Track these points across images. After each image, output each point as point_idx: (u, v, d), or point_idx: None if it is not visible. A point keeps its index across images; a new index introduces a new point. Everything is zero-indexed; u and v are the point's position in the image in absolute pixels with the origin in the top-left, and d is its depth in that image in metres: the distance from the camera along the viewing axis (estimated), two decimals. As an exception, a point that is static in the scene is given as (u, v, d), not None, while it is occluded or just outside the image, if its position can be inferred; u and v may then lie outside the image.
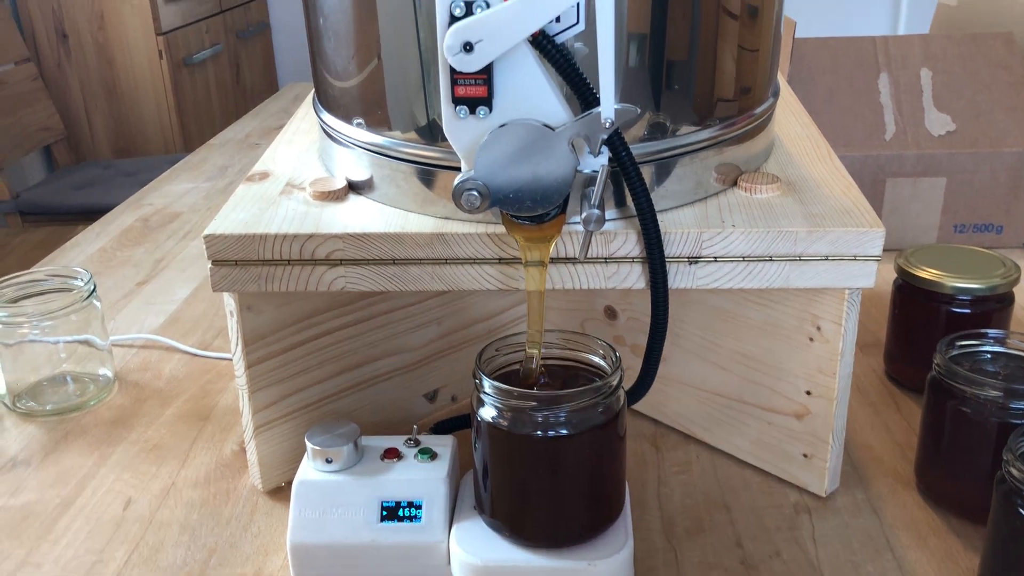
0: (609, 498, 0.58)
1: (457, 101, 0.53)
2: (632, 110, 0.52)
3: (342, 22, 0.62)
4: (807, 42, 1.10)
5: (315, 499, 0.59)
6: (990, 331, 0.66)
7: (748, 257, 0.60)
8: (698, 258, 0.60)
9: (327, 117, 0.68)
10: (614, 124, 0.51)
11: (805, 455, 0.67)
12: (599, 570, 0.55)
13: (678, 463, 0.72)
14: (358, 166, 0.65)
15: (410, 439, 0.63)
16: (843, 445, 0.67)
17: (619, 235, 0.59)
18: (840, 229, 0.59)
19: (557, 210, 0.55)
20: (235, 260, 0.61)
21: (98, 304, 0.83)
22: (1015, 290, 0.76)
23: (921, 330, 0.79)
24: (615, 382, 0.55)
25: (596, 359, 0.59)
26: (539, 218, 0.55)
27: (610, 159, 0.55)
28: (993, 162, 1.03)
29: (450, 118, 0.54)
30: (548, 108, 0.53)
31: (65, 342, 0.83)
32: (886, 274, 0.85)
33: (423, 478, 0.60)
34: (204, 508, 0.68)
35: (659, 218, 0.58)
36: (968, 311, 0.75)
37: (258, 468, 0.69)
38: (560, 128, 0.52)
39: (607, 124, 0.51)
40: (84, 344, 0.84)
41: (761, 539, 0.64)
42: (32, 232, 2.26)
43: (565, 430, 0.54)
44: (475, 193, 0.54)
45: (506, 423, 0.55)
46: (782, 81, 0.87)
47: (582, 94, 0.53)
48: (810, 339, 0.64)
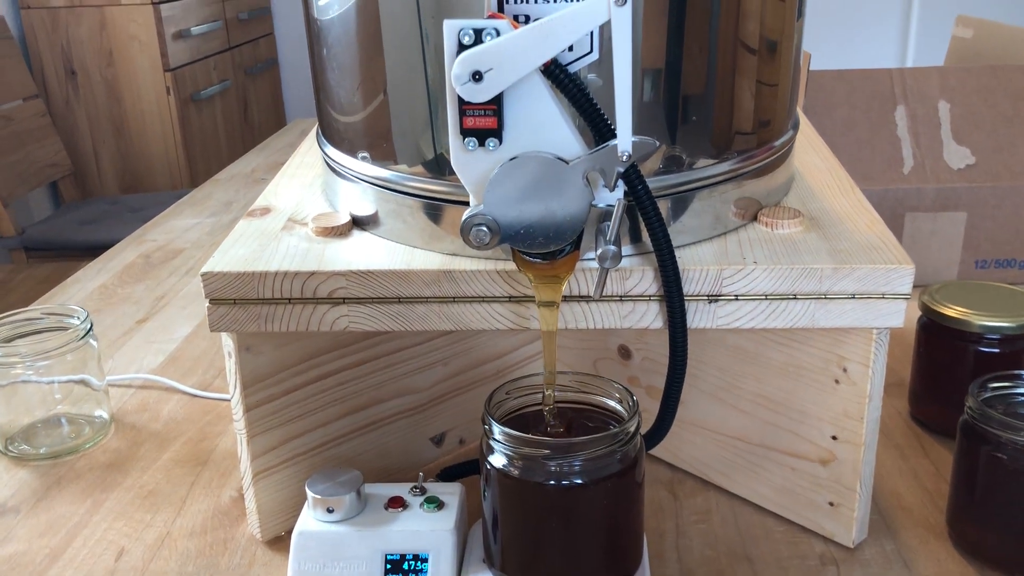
0: (626, 551, 0.55)
1: (466, 133, 0.50)
2: (650, 143, 0.49)
3: (346, 53, 0.60)
4: (822, 74, 1.08)
5: (315, 551, 0.56)
6: (1025, 372, 0.63)
7: (771, 295, 0.57)
8: (718, 296, 0.57)
9: (331, 151, 0.65)
10: (631, 157, 0.48)
11: (831, 503, 0.64)
12: (616, 629, 0.52)
13: (697, 511, 0.69)
14: (362, 201, 0.63)
15: (416, 487, 0.60)
16: (871, 493, 0.63)
17: (635, 272, 0.56)
18: (867, 266, 0.56)
19: (570, 247, 0.52)
20: (234, 299, 0.59)
21: (94, 343, 0.81)
22: (1047, 329, 0.73)
23: (948, 370, 0.75)
24: (633, 428, 0.52)
25: (612, 403, 0.56)
26: (551, 255, 0.53)
27: (626, 193, 0.52)
28: (1015, 196, 1.00)
29: (458, 150, 0.51)
30: (561, 140, 0.50)
31: (60, 382, 0.81)
32: (910, 312, 0.81)
33: (429, 529, 0.56)
34: (200, 559, 0.65)
35: (677, 254, 0.55)
36: (997, 350, 0.72)
37: (257, 517, 0.66)
38: (574, 161, 0.50)
39: (624, 157, 0.48)
40: (80, 384, 0.82)
41: (787, 594, 0.60)
42: (37, 268, 2.25)
43: (580, 479, 0.51)
44: (484, 229, 0.51)
45: (517, 471, 0.52)
46: (799, 113, 0.85)
47: (597, 126, 0.50)
48: (836, 381, 0.61)
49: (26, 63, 2.53)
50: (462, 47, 0.48)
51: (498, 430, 0.52)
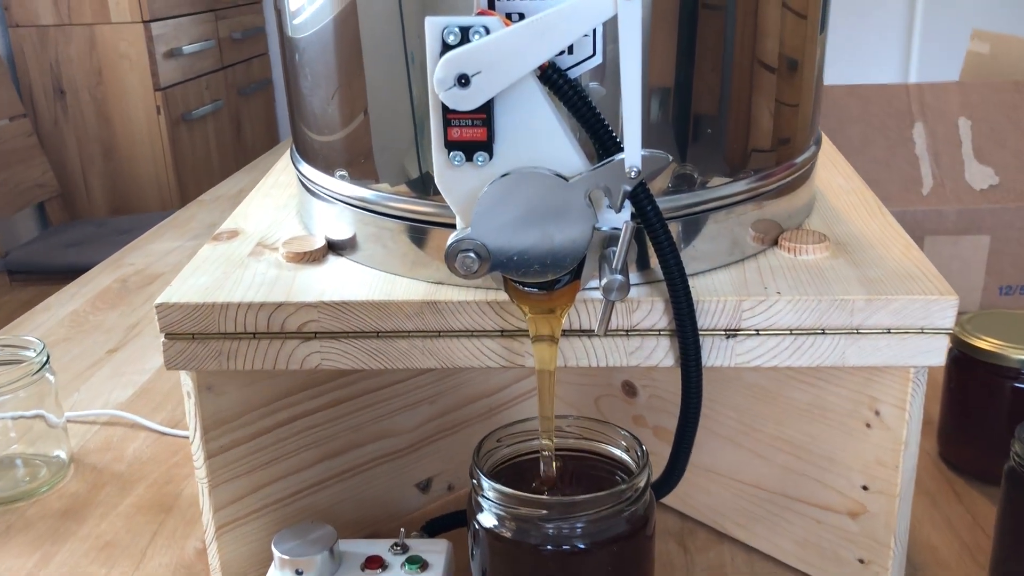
0: (634, 622, 0.48)
1: (451, 146, 0.44)
2: (662, 157, 0.43)
3: (321, 60, 0.53)
4: (835, 89, 1.02)
5: (280, 621, 0.50)
6: (1077, 414, 0.57)
7: (796, 330, 0.51)
8: (737, 331, 0.51)
9: (305, 168, 0.59)
10: (640, 174, 0.42)
11: (861, 560, 0.57)
12: None
13: (710, 566, 0.62)
14: (339, 223, 0.57)
15: (396, 544, 0.54)
16: (907, 549, 0.56)
17: (643, 304, 0.50)
18: (904, 297, 0.50)
19: (570, 276, 0.46)
20: (192, 333, 0.52)
21: (51, 377, 0.74)
22: (1092, 363, 0.66)
23: (982, 408, 0.69)
24: (642, 483, 0.46)
25: (618, 452, 0.50)
26: (549, 285, 0.46)
27: (633, 215, 0.46)
28: (1042, 218, 0.94)
29: (443, 166, 0.45)
30: (560, 154, 0.44)
31: (14, 419, 0.74)
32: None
33: (410, 596, 0.50)
34: (155, 623, 0.58)
35: (690, 283, 0.49)
36: (1038, 387, 0.66)
37: (221, 574, 0.59)
38: (574, 178, 0.43)
39: (632, 174, 0.42)
40: (38, 420, 0.75)
41: (815, 666, 0.53)
42: (20, 291, 2.18)
43: (582, 543, 0.45)
44: (472, 255, 0.45)
45: (510, 533, 0.45)
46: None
47: (601, 138, 0.44)
48: (867, 425, 0.55)
49: (13, 82, 2.48)
50: (446, 47, 0.42)
51: (488, 485, 0.45)
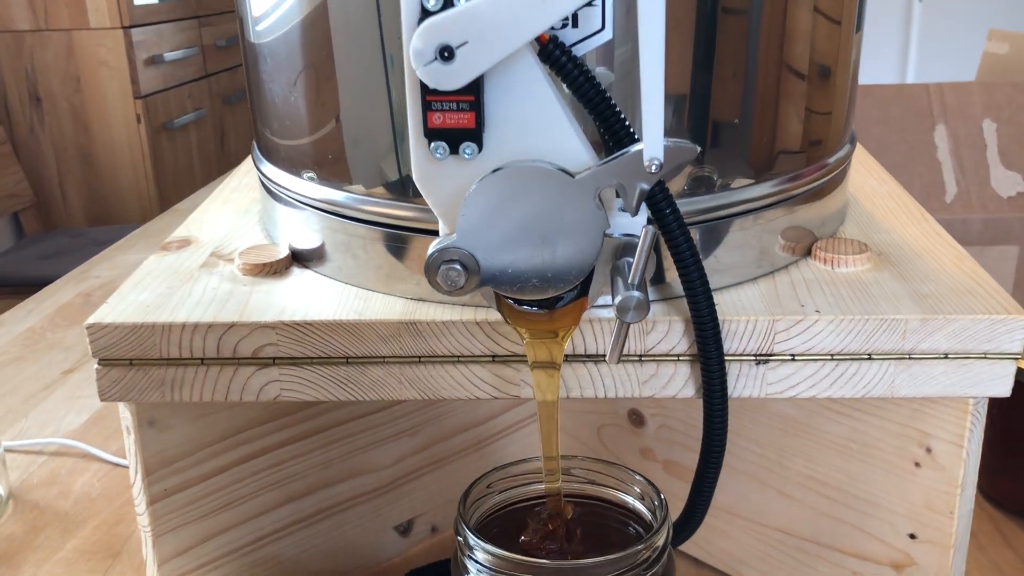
0: None
1: (432, 135, 0.37)
2: (689, 148, 0.35)
3: (283, 39, 0.46)
4: (850, 90, 0.95)
5: None
6: None
7: (838, 355, 0.43)
8: (769, 356, 0.43)
9: (268, 169, 0.51)
10: (662, 168, 0.35)
11: (907, 618, 0.50)
12: None
13: (731, 622, 0.54)
14: (305, 230, 0.49)
15: (370, 605, 0.46)
16: (960, 606, 0.49)
17: (659, 324, 0.43)
18: (966, 316, 0.42)
19: (575, 292, 0.38)
20: (130, 359, 0.45)
21: (-13, 405, 0.66)
22: None
23: (1030, 438, 0.62)
24: (661, 542, 0.38)
25: (631, 500, 0.42)
26: (550, 303, 0.39)
27: (649, 219, 0.39)
28: (1077, 228, 0.87)
29: (422, 160, 0.37)
30: (563, 146, 0.37)
31: (-54, 452, 0.66)
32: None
33: (384, 672, 0.42)
34: None
35: (715, 300, 0.42)
36: (1095, 416, 0.58)
37: (167, 636, 0.51)
38: (582, 174, 0.36)
39: (652, 168, 0.35)
40: (-26, 453, 0.67)
41: None
42: (-10, 305, 2.09)
43: (590, 615, 0.37)
44: (458, 267, 0.37)
45: (502, 601, 0.37)
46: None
47: (612, 126, 0.37)
48: (916, 464, 0.47)
49: (-13, 89, 2.40)
50: (426, 13, 0.34)
51: (476, 544, 0.38)
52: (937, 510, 0.47)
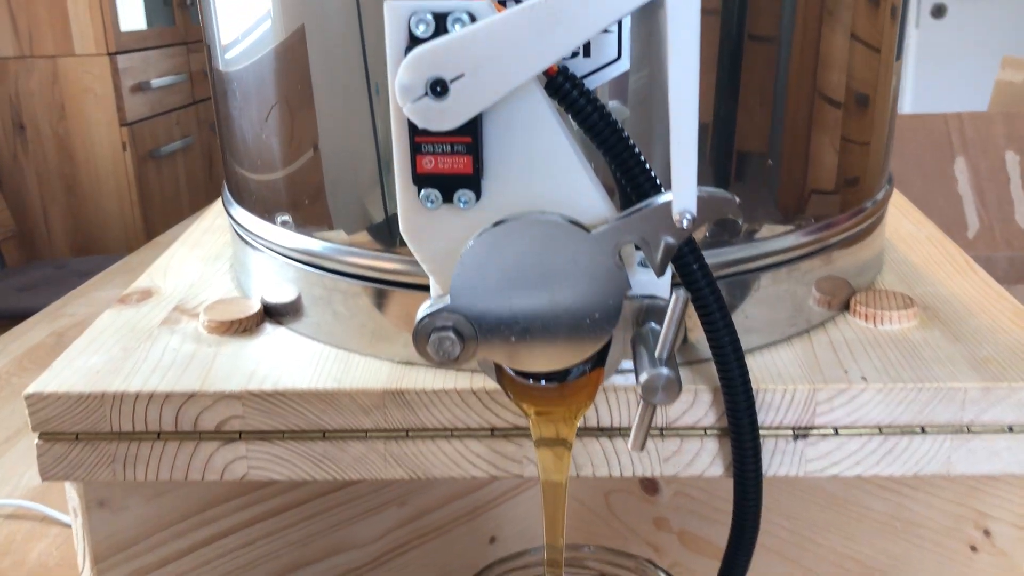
0: None
1: (422, 181, 0.31)
2: (728, 199, 0.30)
3: (253, 69, 0.41)
4: (865, 120, 0.91)
5: None
6: None
7: (887, 428, 0.38)
8: (809, 430, 0.38)
9: (239, 213, 0.46)
10: (694, 222, 0.29)
11: None
12: None
13: None
14: (280, 281, 0.44)
15: None
16: None
17: (683, 394, 0.37)
18: (1034, 384, 0.37)
19: (590, 362, 0.33)
20: (76, 433, 0.39)
21: (-67, 468, 0.60)
22: None
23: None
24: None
25: (652, 602, 0.36)
26: (561, 375, 0.33)
27: (674, 275, 0.33)
28: (1108, 266, 0.82)
29: (411, 209, 0.32)
30: (576, 194, 0.31)
31: None
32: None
33: None
34: None
35: (747, 363, 0.36)
36: None
37: None
38: (599, 229, 0.31)
39: (683, 222, 0.29)
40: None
41: None
42: (-33, 340, 2.03)
43: None
44: (452, 335, 0.32)
45: None
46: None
47: (633, 172, 0.31)
48: (972, 548, 0.42)
49: (-32, 116, 2.34)
50: (415, 40, 0.29)
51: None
52: (996, 600, 0.42)
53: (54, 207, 2.50)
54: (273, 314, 0.44)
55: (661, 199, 0.30)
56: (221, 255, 0.53)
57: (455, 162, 0.31)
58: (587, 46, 0.33)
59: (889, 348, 0.40)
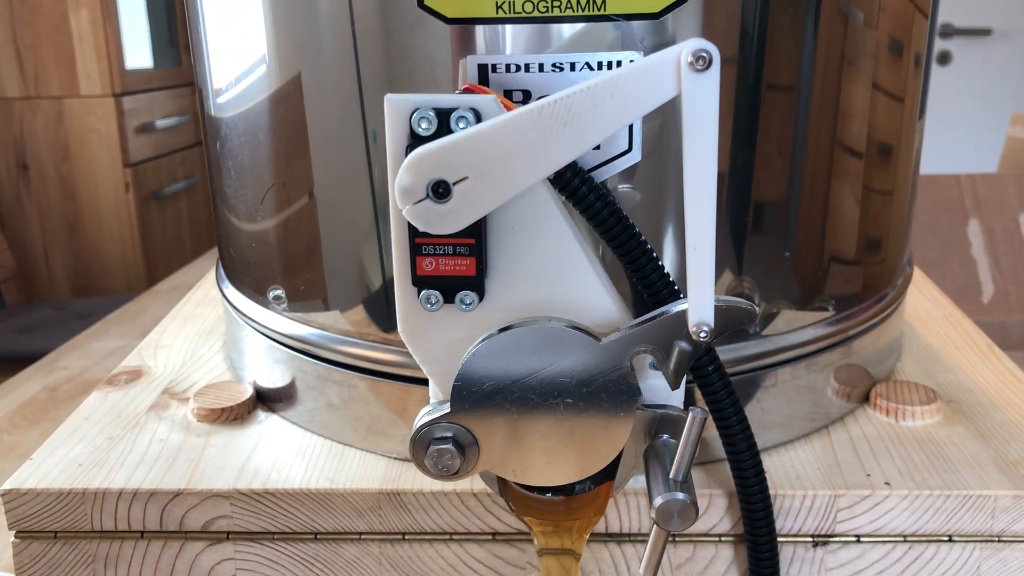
0: None
1: (422, 282, 0.29)
2: (746, 309, 0.28)
3: (246, 145, 0.39)
4: (875, 181, 0.89)
5: None
6: None
7: (912, 536, 0.36)
8: (830, 537, 0.36)
9: (232, 293, 0.44)
10: (712, 333, 0.27)
11: None
12: None
13: None
14: (273, 367, 0.42)
15: None
16: None
17: (698, 498, 0.35)
18: (1068, 492, 0.35)
19: (598, 476, 0.31)
20: (54, 531, 0.37)
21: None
22: None
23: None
24: None
25: None
26: (567, 489, 0.31)
27: (689, 379, 0.31)
28: None
29: (410, 310, 0.30)
30: (585, 297, 0.30)
31: None
32: None
33: None
34: None
35: (764, 466, 0.34)
36: None
37: None
38: (610, 337, 0.29)
39: (700, 334, 0.27)
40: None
41: None
42: (-40, 384, 2.01)
43: None
44: (451, 447, 0.30)
45: None
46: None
47: (648, 277, 0.29)
48: (1002, 658, 0.39)
49: (-28, 157, 2.35)
50: (416, 139, 0.27)
51: None
52: None
53: (55, 247, 2.49)
54: (265, 400, 0.43)
55: (676, 308, 0.28)
56: (214, 330, 0.51)
57: (457, 264, 0.29)
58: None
59: (912, 448, 0.38)
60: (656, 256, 0.29)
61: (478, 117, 0.28)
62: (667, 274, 0.29)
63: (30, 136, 2.44)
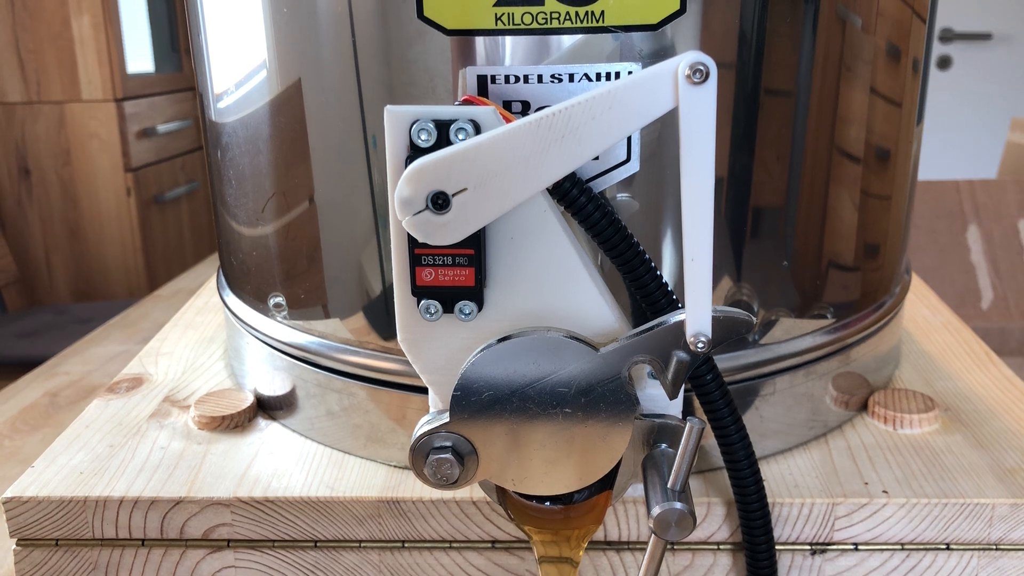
0: None
1: (422, 292, 0.30)
2: (743, 320, 0.28)
3: (247, 153, 0.39)
4: (874, 187, 0.89)
5: None
6: None
7: (910, 544, 0.36)
8: (827, 545, 0.36)
9: (233, 300, 0.44)
10: (709, 344, 0.28)
11: None
12: None
13: None
14: (273, 373, 0.42)
15: None
16: None
17: (696, 506, 0.35)
18: (1065, 500, 0.35)
19: (597, 485, 0.31)
20: (55, 539, 0.37)
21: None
22: None
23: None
24: None
25: None
26: (566, 497, 0.31)
27: (688, 389, 0.31)
28: (1126, 339, 0.81)
29: (409, 320, 0.30)
30: (584, 307, 0.30)
31: None
32: None
33: None
34: None
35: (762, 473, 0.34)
36: None
37: None
38: (609, 347, 0.29)
39: (698, 344, 0.28)
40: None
41: None
42: (-40, 388, 2.01)
43: None
44: (451, 456, 0.30)
45: None
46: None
47: (647, 287, 0.30)
48: (1000, 666, 0.39)
49: (-26, 161, 2.35)
50: (416, 151, 0.28)
51: None
52: None
53: (57, 252, 2.50)
54: (266, 407, 0.43)
55: (674, 318, 0.28)
56: (215, 338, 0.51)
57: (456, 274, 0.29)
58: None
59: (910, 455, 0.38)
60: (654, 266, 0.30)
61: (477, 129, 0.28)
62: (665, 284, 0.29)
63: (31, 141, 2.44)
